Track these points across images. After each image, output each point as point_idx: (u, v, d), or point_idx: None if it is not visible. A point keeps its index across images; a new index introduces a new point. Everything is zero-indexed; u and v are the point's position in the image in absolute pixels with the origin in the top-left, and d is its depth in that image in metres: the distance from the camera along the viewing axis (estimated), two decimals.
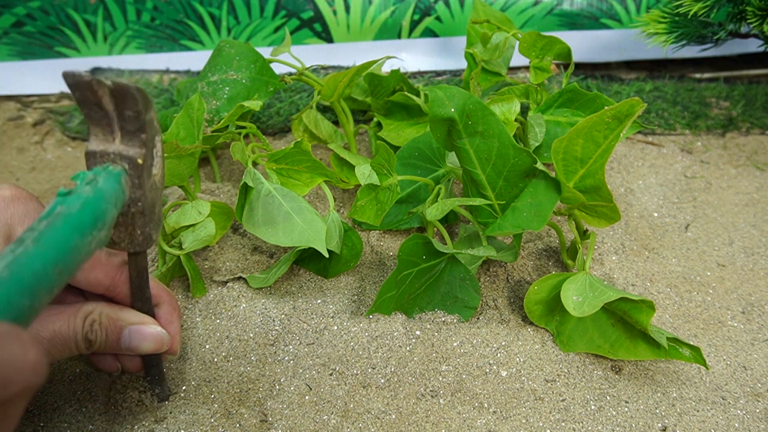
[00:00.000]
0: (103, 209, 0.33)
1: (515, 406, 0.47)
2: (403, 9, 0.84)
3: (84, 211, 0.32)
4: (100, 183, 0.34)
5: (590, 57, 0.86)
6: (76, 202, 0.32)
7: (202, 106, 0.54)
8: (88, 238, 0.32)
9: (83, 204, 0.32)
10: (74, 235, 0.31)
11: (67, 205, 0.32)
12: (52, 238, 0.30)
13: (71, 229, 0.31)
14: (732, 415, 0.47)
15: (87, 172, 0.35)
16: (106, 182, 0.34)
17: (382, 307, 0.51)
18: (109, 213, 0.34)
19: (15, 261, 0.29)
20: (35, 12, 0.80)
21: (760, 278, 0.59)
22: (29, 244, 0.30)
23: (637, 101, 0.44)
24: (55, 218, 0.31)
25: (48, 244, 0.30)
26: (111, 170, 0.35)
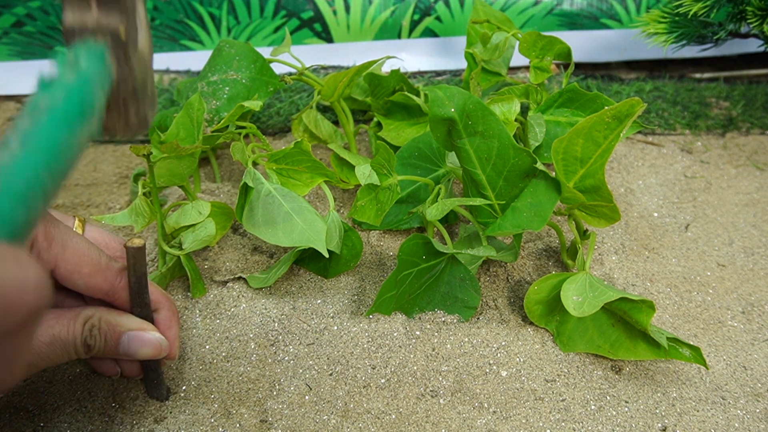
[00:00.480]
0: (90, 96, 0.30)
1: (515, 406, 0.47)
2: (403, 9, 0.84)
3: (69, 101, 0.29)
4: (81, 64, 0.30)
5: (590, 57, 0.86)
6: (60, 93, 0.29)
7: (202, 106, 0.54)
8: (77, 131, 0.29)
9: (67, 94, 0.29)
10: (62, 130, 0.29)
11: (50, 98, 0.29)
12: (39, 137, 0.28)
13: (58, 125, 0.28)
14: (732, 415, 0.47)
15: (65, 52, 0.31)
16: (89, 62, 0.31)
17: (382, 307, 0.51)
18: (97, 98, 0.31)
19: (2, 169, 0.26)
20: (35, 12, 0.80)
21: (760, 278, 0.59)
22: (15, 148, 0.27)
23: (637, 101, 0.44)
24: (39, 115, 0.28)
25: (36, 145, 0.27)
26: (92, 47, 0.31)
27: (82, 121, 0.30)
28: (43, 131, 0.28)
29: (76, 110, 0.29)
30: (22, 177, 0.26)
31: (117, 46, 0.32)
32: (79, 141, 0.30)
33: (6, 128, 0.77)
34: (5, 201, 0.26)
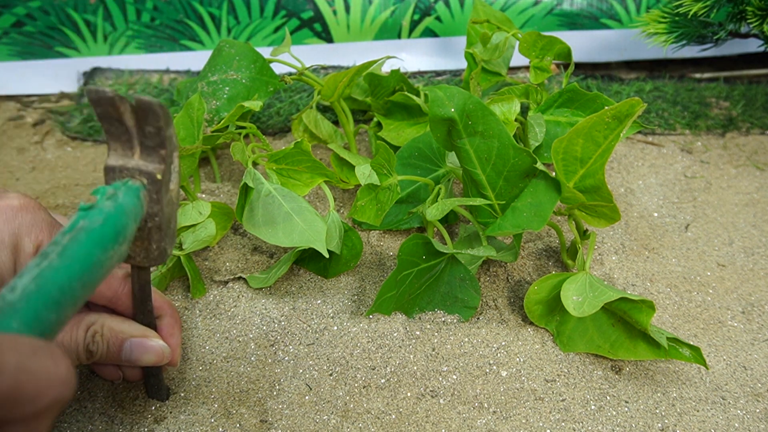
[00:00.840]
0: (124, 224, 0.34)
1: (515, 406, 0.47)
2: (403, 9, 0.84)
3: (106, 225, 0.32)
4: (120, 198, 0.34)
5: (590, 57, 0.86)
6: (98, 217, 0.32)
7: (202, 106, 0.54)
8: (109, 252, 0.32)
9: (105, 219, 0.33)
10: (97, 249, 0.32)
11: (89, 220, 0.32)
12: (76, 252, 0.31)
13: (94, 244, 0.32)
14: (732, 415, 0.47)
15: (107, 186, 0.35)
16: (126, 197, 0.34)
17: (382, 307, 0.51)
18: (129, 228, 0.34)
19: (41, 275, 0.29)
20: (35, 12, 0.80)
21: (760, 278, 0.59)
22: (54, 258, 0.30)
23: (637, 101, 0.44)
24: (78, 232, 0.31)
25: (72, 258, 0.30)
26: (130, 185, 0.35)
27: (115, 245, 0.33)
28: (80, 247, 0.31)
29: (111, 234, 0.33)
30: (57, 284, 0.29)
31: (152, 187, 0.36)
32: (110, 262, 0.33)
33: (6, 128, 0.77)
34: (40, 302, 0.28)
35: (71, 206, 0.66)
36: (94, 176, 0.70)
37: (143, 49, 0.84)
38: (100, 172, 0.70)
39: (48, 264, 0.29)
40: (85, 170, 0.70)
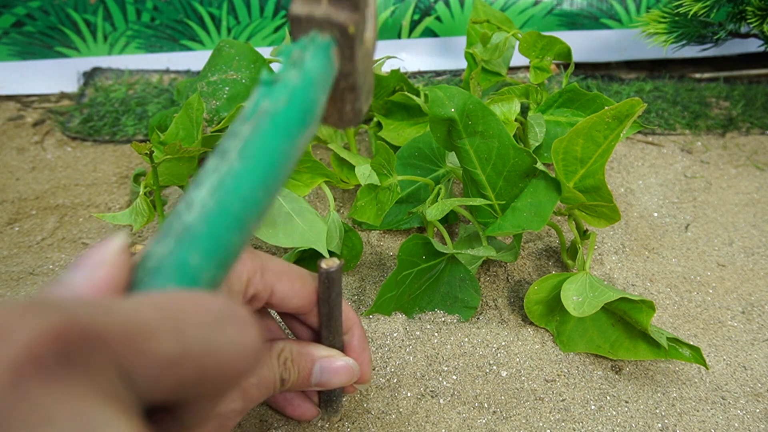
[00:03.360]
0: (313, 99, 0.27)
1: (515, 406, 0.47)
2: (403, 9, 0.84)
3: (292, 105, 0.26)
4: (307, 63, 0.28)
5: (590, 57, 0.86)
6: (282, 94, 0.26)
7: (201, 106, 0.54)
8: (296, 140, 0.26)
9: (291, 96, 0.26)
10: (283, 139, 0.25)
11: (273, 100, 0.26)
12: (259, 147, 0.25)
13: (279, 133, 0.25)
14: (732, 415, 0.47)
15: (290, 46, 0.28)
16: (314, 60, 0.28)
17: (382, 307, 0.51)
18: (319, 101, 0.28)
19: (220, 184, 0.23)
20: (35, 12, 0.80)
21: (760, 278, 0.59)
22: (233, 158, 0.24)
23: (637, 101, 0.44)
24: (260, 119, 0.25)
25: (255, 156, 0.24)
26: (319, 42, 0.29)
27: (303, 129, 0.27)
28: (264, 141, 0.25)
29: (298, 116, 0.26)
30: (239, 195, 0.24)
31: (344, 42, 0.29)
32: (297, 152, 0.27)
33: (6, 128, 0.77)
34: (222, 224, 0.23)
35: (71, 206, 0.66)
36: (94, 176, 0.70)
37: (143, 49, 0.84)
38: (100, 172, 0.70)
39: (228, 168, 0.24)
40: (85, 170, 0.70)
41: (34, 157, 0.73)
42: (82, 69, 0.83)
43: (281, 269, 0.36)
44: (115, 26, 0.82)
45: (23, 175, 0.70)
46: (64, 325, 0.17)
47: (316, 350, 0.38)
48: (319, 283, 0.36)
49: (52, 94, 0.82)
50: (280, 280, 0.36)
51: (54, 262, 0.59)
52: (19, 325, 0.17)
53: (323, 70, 0.28)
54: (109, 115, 0.77)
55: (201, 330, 0.21)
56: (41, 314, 0.17)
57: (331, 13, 0.29)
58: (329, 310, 0.37)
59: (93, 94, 0.80)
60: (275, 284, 0.36)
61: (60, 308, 0.18)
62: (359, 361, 0.40)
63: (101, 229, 0.63)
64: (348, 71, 0.30)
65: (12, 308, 0.17)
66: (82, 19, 0.81)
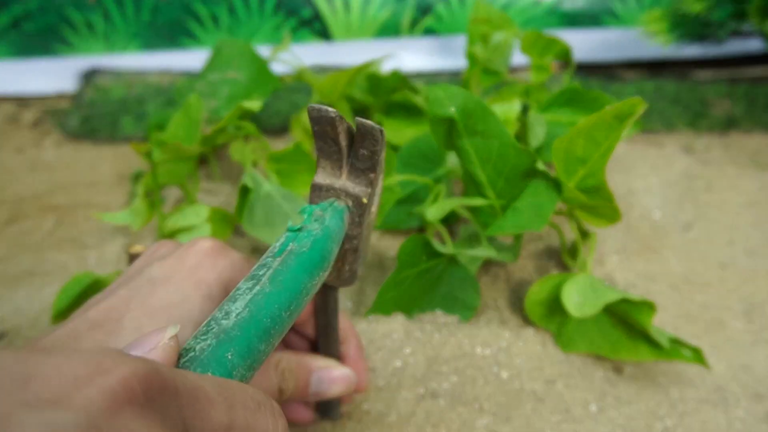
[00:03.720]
0: (330, 249, 0.32)
1: (516, 408, 0.46)
2: (403, 7, 0.83)
3: (314, 250, 0.31)
4: (326, 220, 0.33)
5: (591, 56, 0.86)
6: (307, 241, 0.31)
7: (200, 106, 0.54)
8: (315, 279, 0.31)
9: (313, 243, 0.31)
10: (305, 275, 0.30)
11: (299, 243, 0.31)
12: (286, 278, 0.29)
13: (303, 270, 0.30)
14: (733, 416, 0.47)
15: (313, 206, 0.34)
16: (332, 219, 0.33)
17: (381, 307, 0.50)
18: (333, 253, 0.33)
19: (253, 301, 0.28)
20: (33, 11, 0.80)
21: (762, 278, 0.59)
22: (266, 283, 0.29)
23: (638, 101, 0.44)
24: (288, 256, 0.30)
25: (283, 284, 0.29)
26: (336, 206, 0.34)
27: (320, 271, 0.31)
28: (290, 273, 0.30)
29: (318, 260, 0.31)
30: (268, 311, 0.28)
31: (356, 210, 0.35)
32: (314, 288, 0.31)
33: (4, 128, 0.77)
34: (253, 331, 0.27)
35: (71, 206, 0.65)
36: (93, 176, 0.69)
37: (142, 48, 0.83)
38: (99, 173, 0.70)
39: (260, 289, 0.28)
40: (83, 170, 0.70)
41: (32, 157, 0.73)
42: (81, 68, 0.83)
43: None
44: (114, 25, 0.82)
45: (22, 176, 0.70)
46: (151, 372, 0.21)
47: (313, 361, 0.39)
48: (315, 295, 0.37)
49: (50, 94, 0.81)
50: None
51: (53, 262, 0.59)
52: (117, 364, 0.20)
53: (338, 229, 0.33)
54: (108, 114, 0.77)
55: (246, 411, 0.25)
56: (134, 360, 0.21)
57: (348, 186, 0.34)
58: (326, 320, 0.39)
59: (92, 94, 0.80)
60: None
61: (148, 360, 0.22)
62: (356, 369, 0.41)
63: (100, 229, 0.63)
64: (354, 235, 0.35)
65: (110, 352, 0.21)
66: (80, 17, 0.81)
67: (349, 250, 0.35)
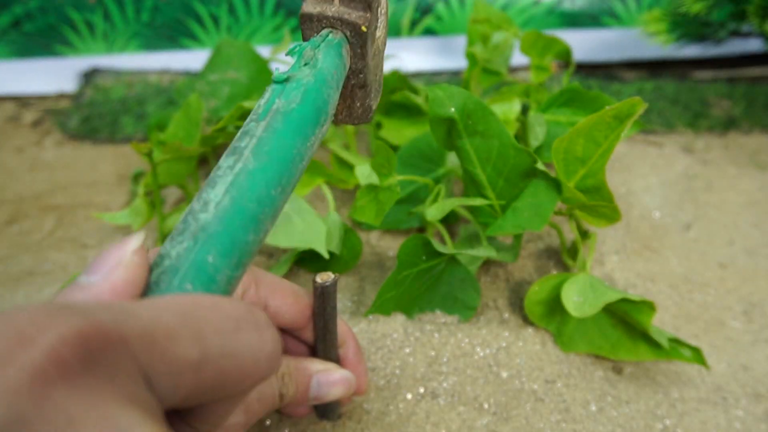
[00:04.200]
0: (325, 97, 0.27)
1: (515, 407, 0.46)
2: (403, 7, 0.83)
3: (305, 104, 0.26)
4: (320, 61, 0.27)
5: (591, 56, 0.86)
6: (296, 93, 0.26)
7: (200, 106, 0.54)
8: (310, 139, 0.26)
9: (304, 95, 0.26)
10: (296, 138, 0.25)
11: (287, 99, 0.26)
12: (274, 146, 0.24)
13: (293, 132, 0.25)
14: (733, 416, 0.47)
15: (303, 44, 0.28)
16: (327, 58, 0.28)
17: (381, 307, 0.50)
18: (332, 99, 0.28)
19: (235, 183, 0.23)
20: (34, 11, 0.80)
21: (762, 278, 0.59)
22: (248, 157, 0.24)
23: (638, 101, 0.44)
24: (274, 118, 0.25)
25: (269, 155, 0.24)
26: (331, 40, 0.29)
27: (316, 127, 0.27)
28: (278, 139, 0.25)
29: (311, 115, 0.26)
30: (254, 193, 0.23)
31: (356, 40, 0.29)
32: (311, 151, 0.26)
33: (4, 128, 0.77)
34: (237, 223, 0.23)
35: (71, 206, 0.65)
36: (93, 176, 0.69)
37: (142, 48, 0.83)
38: (99, 173, 0.70)
39: (242, 167, 0.23)
40: (83, 170, 0.70)
41: (32, 156, 0.73)
42: (81, 68, 0.83)
43: (274, 284, 0.36)
44: (114, 25, 0.82)
45: (22, 176, 0.70)
46: (87, 329, 0.18)
47: (312, 364, 0.39)
48: (314, 297, 0.36)
49: (50, 94, 0.82)
50: (274, 294, 0.36)
51: (53, 262, 0.59)
52: (41, 329, 0.17)
53: (336, 68, 0.28)
54: (108, 114, 0.77)
55: (221, 335, 0.21)
56: (63, 318, 0.17)
57: (343, 12, 0.29)
58: (324, 324, 0.38)
59: (92, 94, 0.80)
60: (269, 298, 0.36)
61: (82, 312, 0.18)
62: (355, 372, 0.41)
63: (100, 229, 0.63)
64: (359, 69, 0.30)
65: (34, 312, 0.17)
66: (80, 18, 0.81)
67: (357, 86, 0.31)
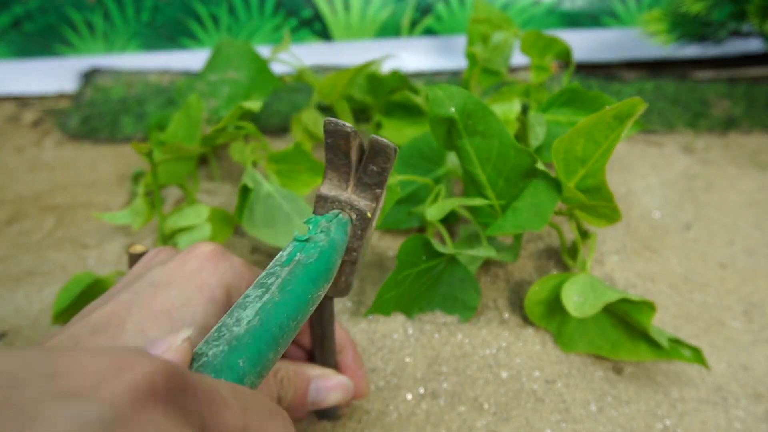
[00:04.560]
0: (334, 261, 0.33)
1: (515, 407, 0.46)
2: (403, 7, 0.83)
3: (320, 261, 0.31)
4: (332, 232, 0.33)
5: (591, 56, 0.86)
6: (314, 251, 0.32)
7: (200, 106, 0.54)
8: (321, 289, 0.31)
9: (320, 254, 0.32)
10: (312, 286, 0.30)
11: (306, 254, 0.31)
12: (295, 287, 0.30)
13: (310, 280, 0.30)
14: (733, 416, 0.47)
15: (319, 217, 0.34)
16: (337, 231, 0.33)
17: (381, 307, 0.50)
18: (336, 265, 0.33)
19: (264, 309, 0.28)
20: (34, 11, 0.80)
21: (762, 278, 0.59)
22: (275, 292, 0.29)
23: (638, 101, 0.44)
24: (296, 266, 0.31)
25: (291, 293, 0.29)
26: (341, 219, 0.34)
27: (325, 282, 0.32)
28: (298, 282, 0.30)
29: (323, 271, 0.32)
30: (277, 320, 0.28)
31: (359, 223, 0.35)
32: (318, 300, 0.31)
33: (4, 128, 0.77)
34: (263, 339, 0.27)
35: (71, 206, 0.65)
36: (94, 176, 0.69)
37: (142, 48, 0.83)
38: (100, 172, 0.70)
39: (270, 298, 0.28)
40: (83, 170, 0.70)
41: (32, 157, 0.73)
42: (81, 68, 0.83)
43: None
44: (114, 25, 0.82)
45: (22, 176, 0.70)
46: (172, 369, 0.21)
47: (311, 370, 0.40)
48: None
49: (50, 94, 0.81)
50: None
51: (53, 262, 0.59)
52: (139, 361, 0.21)
53: (342, 241, 0.34)
54: (108, 114, 0.77)
55: (259, 415, 0.25)
56: (152, 358, 0.21)
57: (354, 200, 0.35)
58: (322, 331, 0.39)
59: (92, 94, 0.80)
60: None
61: (166, 359, 0.22)
62: (355, 378, 0.42)
63: (100, 229, 0.63)
64: (355, 248, 0.35)
65: (130, 350, 0.22)
66: (80, 18, 0.81)
67: (348, 262, 0.36)
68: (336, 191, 0.35)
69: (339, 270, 0.36)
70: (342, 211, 0.35)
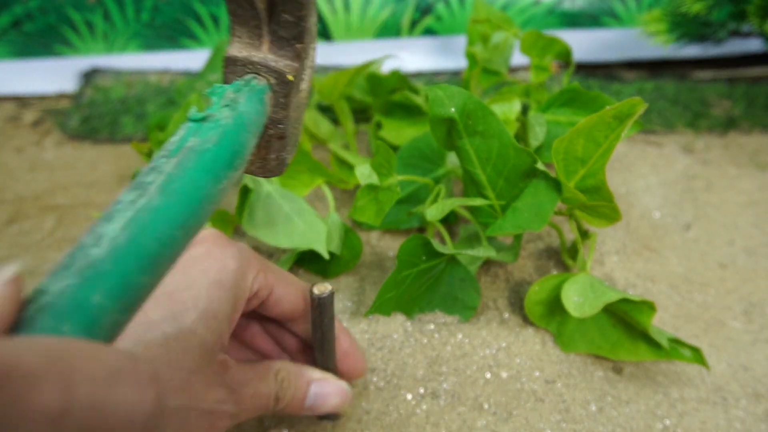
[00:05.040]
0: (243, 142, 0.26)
1: (515, 407, 0.46)
2: (403, 7, 0.83)
3: (221, 146, 0.25)
4: (241, 105, 0.27)
5: (591, 56, 0.86)
6: (213, 134, 0.25)
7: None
8: (222, 183, 0.25)
9: (221, 136, 0.25)
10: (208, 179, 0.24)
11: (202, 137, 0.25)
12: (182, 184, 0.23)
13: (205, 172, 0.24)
14: (733, 416, 0.47)
15: (225, 86, 0.28)
16: (248, 103, 0.27)
17: (381, 307, 0.50)
18: (249, 145, 0.27)
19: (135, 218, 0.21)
20: (34, 11, 0.80)
21: (762, 278, 0.59)
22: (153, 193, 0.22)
23: (638, 101, 0.44)
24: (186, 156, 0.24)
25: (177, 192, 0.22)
26: (254, 85, 0.28)
27: (230, 171, 0.25)
28: (189, 178, 0.23)
29: (226, 158, 0.25)
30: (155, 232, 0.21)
31: (280, 89, 0.29)
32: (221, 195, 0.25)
33: (4, 128, 0.77)
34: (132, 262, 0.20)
35: (71, 206, 0.65)
36: (94, 176, 0.69)
37: (142, 48, 0.83)
38: (100, 172, 0.70)
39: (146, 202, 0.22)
40: (84, 170, 0.70)
41: (32, 156, 0.73)
42: (81, 68, 0.83)
43: (278, 272, 0.38)
44: (114, 25, 0.82)
45: (22, 176, 0.70)
46: None
47: (311, 372, 0.39)
48: (311, 308, 0.36)
49: (50, 94, 0.82)
50: (278, 281, 0.38)
51: (53, 262, 0.59)
52: None
53: (257, 114, 0.27)
54: (108, 114, 0.77)
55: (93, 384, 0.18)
56: None
57: (270, 59, 0.28)
58: (322, 334, 0.38)
59: (92, 94, 0.80)
60: (275, 285, 0.37)
61: None
62: (352, 359, 0.41)
63: None
64: (279, 119, 0.29)
65: None
66: (80, 18, 0.81)
67: (274, 137, 0.30)
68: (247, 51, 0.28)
69: (266, 146, 0.30)
70: (257, 75, 0.28)
